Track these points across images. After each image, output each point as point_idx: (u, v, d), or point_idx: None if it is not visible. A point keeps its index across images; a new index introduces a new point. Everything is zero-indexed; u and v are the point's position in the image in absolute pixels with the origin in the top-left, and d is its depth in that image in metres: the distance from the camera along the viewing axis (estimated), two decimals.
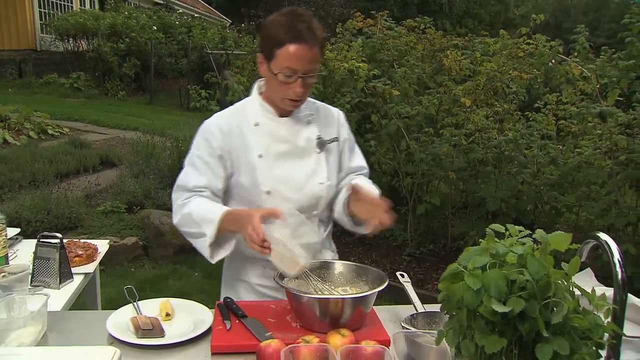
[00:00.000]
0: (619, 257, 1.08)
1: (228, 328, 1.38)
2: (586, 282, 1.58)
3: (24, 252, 2.06)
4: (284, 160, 1.62)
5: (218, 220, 1.50)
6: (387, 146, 4.69)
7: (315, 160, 1.65)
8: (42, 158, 6.19)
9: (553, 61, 4.08)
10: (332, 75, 4.73)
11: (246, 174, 1.61)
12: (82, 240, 2.23)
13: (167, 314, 1.47)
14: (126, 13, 14.26)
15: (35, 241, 1.85)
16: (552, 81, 4.42)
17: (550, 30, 17.40)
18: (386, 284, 1.41)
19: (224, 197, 1.67)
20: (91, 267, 2.05)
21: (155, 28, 13.72)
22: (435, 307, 1.43)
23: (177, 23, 14.95)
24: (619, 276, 1.09)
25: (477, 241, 1.03)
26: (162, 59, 13.54)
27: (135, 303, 1.50)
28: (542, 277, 0.92)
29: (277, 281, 1.44)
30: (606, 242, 1.10)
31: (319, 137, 1.67)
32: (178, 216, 1.60)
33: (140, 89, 13.61)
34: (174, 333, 1.38)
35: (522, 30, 4.28)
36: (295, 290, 1.40)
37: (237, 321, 1.42)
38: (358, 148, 1.83)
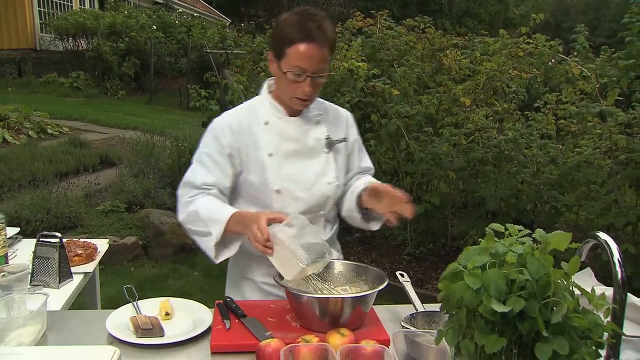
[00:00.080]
0: (618, 256, 1.08)
1: (228, 327, 1.38)
2: (586, 282, 1.58)
3: (24, 252, 2.06)
4: (293, 159, 1.63)
5: (225, 221, 1.50)
6: (387, 146, 4.69)
7: (324, 160, 1.66)
8: (42, 157, 6.19)
9: (553, 61, 4.08)
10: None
11: (256, 172, 1.61)
12: (82, 240, 2.23)
13: (167, 314, 1.46)
14: (126, 12, 14.26)
15: (34, 240, 1.84)
16: (552, 81, 4.42)
17: (550, 30, 17.43)
18: (386, 283, 1.41)
19: (231, 195, 1.67)
20: (91, 267, 2.05)
21: (155, 27, 13.71)
22: (435, 307, 1.43)
23: (177, 22, 14.95)
24: (619, 275, 1.09)
25: (476, 240, 1.03)
26: (161, 58, 13.53)
27: (135, 302, 1.50)
28: (542, 276, 0.91)
29: (277, 280, 1.44)
30: (606, 241, 1.10)
31: (327, 137, 1.68)
32: (184, 213, 1.59)
33: (140, 89, 13.60)
34: (173, 332, 1.38)
35: (521, 30, 4.28)
36: (294, 289, 1.40)
37: (236, 320, 1.42)
38: (364, 148, 1.84)
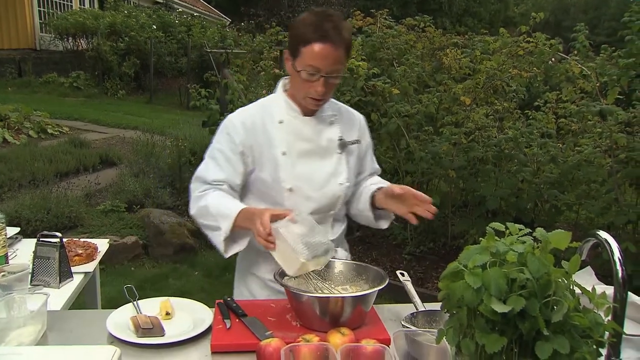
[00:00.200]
0: (619, 255, 1.08)
1: (228, 327, 1.38)
2: (586, 281, 1.58)
3: (24, 252, 2.06)
4: (306, 158, 1.64)
5: (234, 216, 1.52)
6: (387, 145, 4.69)
7: (336, 161, 1.68)
8: (42, 157, 6.18)
9: (553, 59, 4.08)
10: None
11: (269, 170, 1.63)
12: (82, 240, 2.23)
13: (167, 313, 1.47)
14: (126, 12, 14.24)
15: (35, 240, 1.85)
16: (552, 79, 4.41)
17: (550, 29, 17.41)
18: (386, 282, 1.41)
19: (242, 192, 1.69)
20: (91, 266, 2.05)
21: (155, 27, 13.69)
22: (436, 306, 1.43)
23: (177, 22, 14.93)
24: (619, 274, 1.09)
25: (477, 240, 1.02)
26: (161, 57, 13.52)
27: (135, 302, 1.50)
28: (543, 275, 0.91)
29: (277, 279, 1.44)
30: (606, 240, 1.10)
31: (340, 138, 1.69)
32: (195, 208, 1.62)
33: (140, 88, 13.58)
34: (173, 332, 1.38)
35: (522, 29, 4.28)
36: (295, 289, 1.40)
37: (237, 320, 1.42)
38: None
